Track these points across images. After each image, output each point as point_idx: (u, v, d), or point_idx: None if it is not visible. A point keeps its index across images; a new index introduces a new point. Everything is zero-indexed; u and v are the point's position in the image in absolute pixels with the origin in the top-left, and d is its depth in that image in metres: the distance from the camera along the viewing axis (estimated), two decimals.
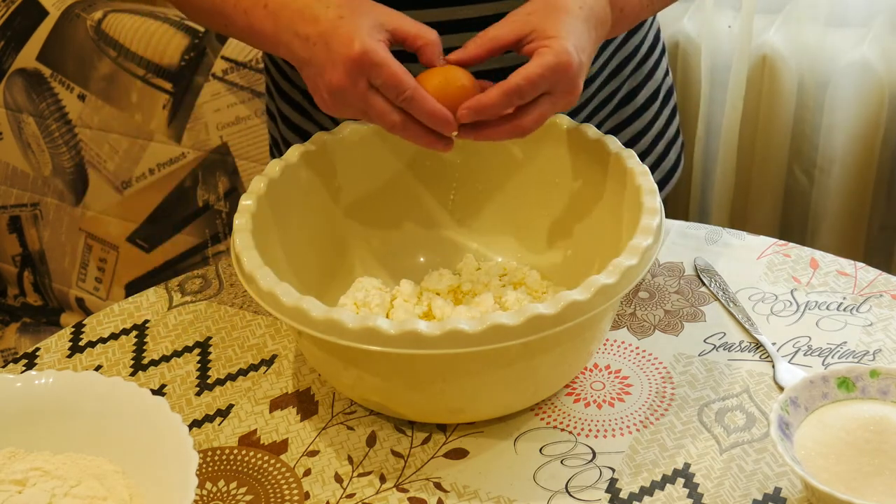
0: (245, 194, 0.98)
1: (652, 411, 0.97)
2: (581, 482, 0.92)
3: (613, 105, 1.20)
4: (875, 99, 1.61)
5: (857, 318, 1.04)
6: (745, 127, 1.72)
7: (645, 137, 1.24)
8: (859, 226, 1.73)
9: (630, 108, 1.21)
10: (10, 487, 0.87)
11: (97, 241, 1.83)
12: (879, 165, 1.67)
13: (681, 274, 1.10)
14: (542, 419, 0.97)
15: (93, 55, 1.77)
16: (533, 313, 0.85)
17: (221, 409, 1.02)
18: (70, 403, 0.92)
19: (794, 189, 1.76)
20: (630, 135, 1.22)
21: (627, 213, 0.97)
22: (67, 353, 1.09)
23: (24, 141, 1.84)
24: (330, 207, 1.06)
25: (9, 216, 1.88)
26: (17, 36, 1.83)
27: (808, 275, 1.09)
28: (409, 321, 0.85)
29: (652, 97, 1.23)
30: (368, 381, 0.93)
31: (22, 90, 1.82)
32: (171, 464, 0.86)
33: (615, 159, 0.98)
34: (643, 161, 1.11)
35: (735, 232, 1.15)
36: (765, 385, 0.98)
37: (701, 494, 0.90)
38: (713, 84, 1.71)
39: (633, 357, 1.02)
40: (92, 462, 0.90)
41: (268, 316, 1.11)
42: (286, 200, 1.01)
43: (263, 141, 1.71)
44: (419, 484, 0.93)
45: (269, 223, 0.98)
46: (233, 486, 0.94)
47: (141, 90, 1.75)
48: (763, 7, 1.67)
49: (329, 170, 1.05)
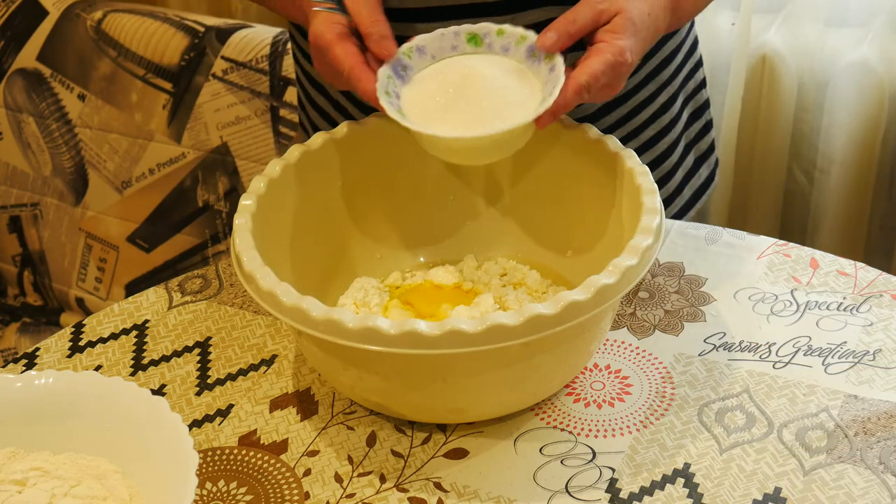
0: (245, 194, 0.98)
1: (652, 411, 0.97)
2: (581, 482, 0.92)
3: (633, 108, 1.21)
4: (875, 99, 1.61)
5: (858, 318, 1.04)
6: (745, 127, 1.72)
7: (661, 143, 1.24)
8: (859, 226, 1.73)
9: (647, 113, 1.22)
10: (10, 487, 0.87)
11: (97, 241, 1.83)
12: (879, 165, 1.67)
13: (681, 274, 1.10)
14: (542, 419, 0.97)
15: (93, 55, 1.77)
16: (533, 313, 0.85)
17: (221, 409, 1.02)
18: (70, 403, 0.92)
19: (794, 189, 1.76)
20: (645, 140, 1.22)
21: (627, 213, 0.97)
22: (67, 353, 1.09)
23: (24, 141, 1.84)
24: (330, 207, 1.06)
25: (9, 216, 1.88)
26: (17, 36, 1.83)
27: (808, 275, 1.09)
28: (409, 321, 0.85)
29: (669, 101, 1.24)
30: (368, 380, 0.94)
31: (22, 90, 1.82)
32: (171, 464, 0.86)
33: (616, 159, 0.98)
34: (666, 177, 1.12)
35: (735, 232, 1.15)
36: (765, 385, 0.99)
37: (701, 494, 0.90)
38: (713, 84, 1.71)
39: (633, 357, 1.02)
40: (92, 462, 0.90)
41: (268, 316, 1.11)
42: (286, 200, 1.01)
43: (263, 141, 1.71)
44: (419, 484, 0.93)
45: (269, 223, 0.98)
46: (233, 486, 0.94)
47: (141, 90, 1.75)
48: (762, 7, 1.67)
49: (329, 170, 1.05)
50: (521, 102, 0.94)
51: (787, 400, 0.97)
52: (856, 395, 0.97)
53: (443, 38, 0.98)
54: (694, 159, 1.28)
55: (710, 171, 1.30)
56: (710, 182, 1.31)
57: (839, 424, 0.94)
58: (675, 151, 1.25)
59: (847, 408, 0.96)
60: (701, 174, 1.29)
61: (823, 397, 0.97)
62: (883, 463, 0.91)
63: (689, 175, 1.27)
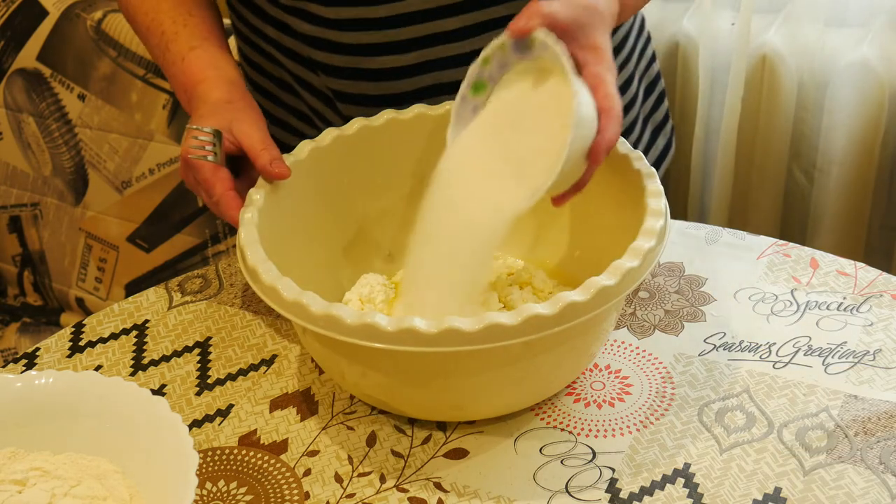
0: (253, 189, 0.98)
1: (652, 411, 0.97)
2: (581, 482, 0.92)
3: None
4: (875, 99, 1.61)
5: (858, 318, 1.04)
6: (745, 127, 1.72)
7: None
8: (859, 226, 1.73)
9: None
10: (10, 487, 0.87)
11: (97, 241, 1.83)
12: (879, 165, 1.67)
13: (681, 274, 1.10)
14: (542, 419, 0.97)
15: (93, 55, 1.77)
16: (531, 313, 0.85)
17: (221, 409, 1.02)
18: (70, 403, 0.92)
19: (793, 189, 1.76)
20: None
21: (632, 215, 0.97)
22: (67, 353, 1.09)
23: (24, 141, 1.84)
24: (338, 203, 1.06)
25: (9, 216, 1.88)
26: (17, 36, 1.83)
27: (808, 275, 1.09)
28: (407, 318, 0.85)
29: (627, 82, 1.24)
30: (369, 376, 0.94)
31: (22, 90, 1.82)
32: (171, 464, 0.86)
33: (622, 160, 0.98)
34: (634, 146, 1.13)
35: (735, 232, 1.15)
36: (765, 385, 0.99)
37: (701, 494, 0.90)
38: (712, 84, 1.71)
39: (633, 357, 1.02)
40: (92, 462, 0.90)
41: (268, 316, 1.11)
42: (294, 196, 1.01)
43: None
44: (419, 484, 0.93)
45: (276, 218, 0.99)
46: (233, 486, 0.94)
47: (141, 90, 1.75)
48: (762, 7, 1.67)
49: (338, 166, 1.05)
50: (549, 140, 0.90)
51: (788, 400, 0.97)
52: (856, 395, 0.97)
53: (463, 103, 0.95)
54: (651, 131, 1.29)
55: (666, 140, 1.31)
56: (667, 151, 1.32)
57: (839, 424, 0.94)
58: (635, 128, 1.27)
59: (847, 408, 0.96)
60: (658, 144, 1.30)
61: (823, 397, 0.97)
62: (883, 463, 0.91)
63: (647, 148, 1.30)
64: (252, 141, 1.00)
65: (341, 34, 1.10)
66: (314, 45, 1.12)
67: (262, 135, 1.01)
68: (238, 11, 1.20)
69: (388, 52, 1.10)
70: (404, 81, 1.12)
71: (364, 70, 1.12)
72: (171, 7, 1.11)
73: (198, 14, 1.11)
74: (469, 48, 1.11)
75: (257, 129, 1.01)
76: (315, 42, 1.11)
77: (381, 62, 1.11)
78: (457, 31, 1.10)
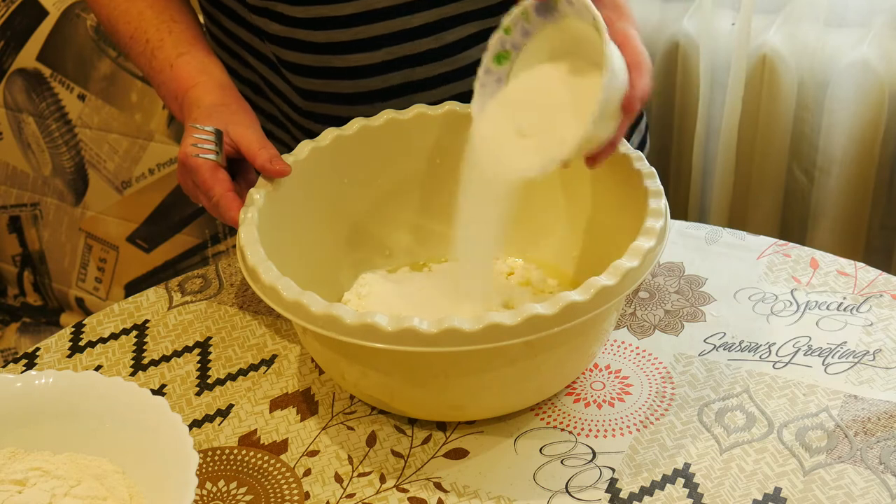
0: (253, 188, 0.98)
1: (652, 411, 0.97)
2: (581, 482, 0.92)
3: None
4: (875, 99, 1.61)
5: (858, 318, 1.04)
6: (745, 127, 1.72)
7: None
8: (859, 226, 1.73)
9: None
10: (10, 487, 0.87)
11: (97, 241, 1.83)
12: (879, 165, 1.67)
13: (681, 274, 1.10)
14: (542, 419, 0.97)
15: (93, 55, 1.77)
16: (531, 313, 0.85)
17: (221, 409, 1.02)
18: (70, 403, 0.92)
19: (793, 189, 1.76)
20: None
21: (632, 215, 0.97)
22: (67, 353, 1.09)
23: (24, 141, 1.84)
24: (338, 203, 1.06)
25: (9, 216, 1.88)
26: (17, 36, 1.83)
27: (808, 275, 1.09)
28: (407, 318, 0.85)
29: None
30: (369, 376, 0.94)
31: (22, 90, 1.82)
32: (171, 464, 0.86)
33: (623, 160, 0.98)
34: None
35: (735, 232, 1.15)
36: (765, 385, 0.99)
37: (701, 494, 0.90)
38: (712, 84, 1.71)
39: (633, 357, 1.02)
40: (92, 462, 0.90)
41: (268, 316, 1.11)
42: (294, 195, 1.01)
43: None
44: (419, 484, 0.93)
45: (277, 218, 0.99)
46: (233, 486, 0.94)
47: (141, 90, 1.75)
48: (762, 7, 1.66)
49: (338, 165, 1.05)
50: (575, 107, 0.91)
51: (787, 400, 0.97)
52: (856, 395, 0.97)
53: (487, 74, 0.95)
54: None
55: (640, 137, 1.31)
56: (641, 149, 1.32)
57: (839, 424, 0.94)
58: None
59: (847, 408, 0.96)
60: (632, 141, 1.30)
61: (823, 397, 0.97)
62: (883, 463, 0.91)
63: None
64: (249, 142, 1.01)
65: (310, 33, 1.10)
66: (284, 45, 1.12)
67: (259, 135, 1.01)
68: (211, 15, 1.20)
69: (357, 49, 1.10)
70: (375, 79, 1.12)
71: (334, 69, 1.12)
72: (155, 15, 1.11)
73: (182, 20, 1.11)
74: (437, 44, 1.11)
75: (253, 131, 1.02)
76: (284, 42, 1.11)
77: (351, 60, 1.11)
78: (423, 27, 1.10)
